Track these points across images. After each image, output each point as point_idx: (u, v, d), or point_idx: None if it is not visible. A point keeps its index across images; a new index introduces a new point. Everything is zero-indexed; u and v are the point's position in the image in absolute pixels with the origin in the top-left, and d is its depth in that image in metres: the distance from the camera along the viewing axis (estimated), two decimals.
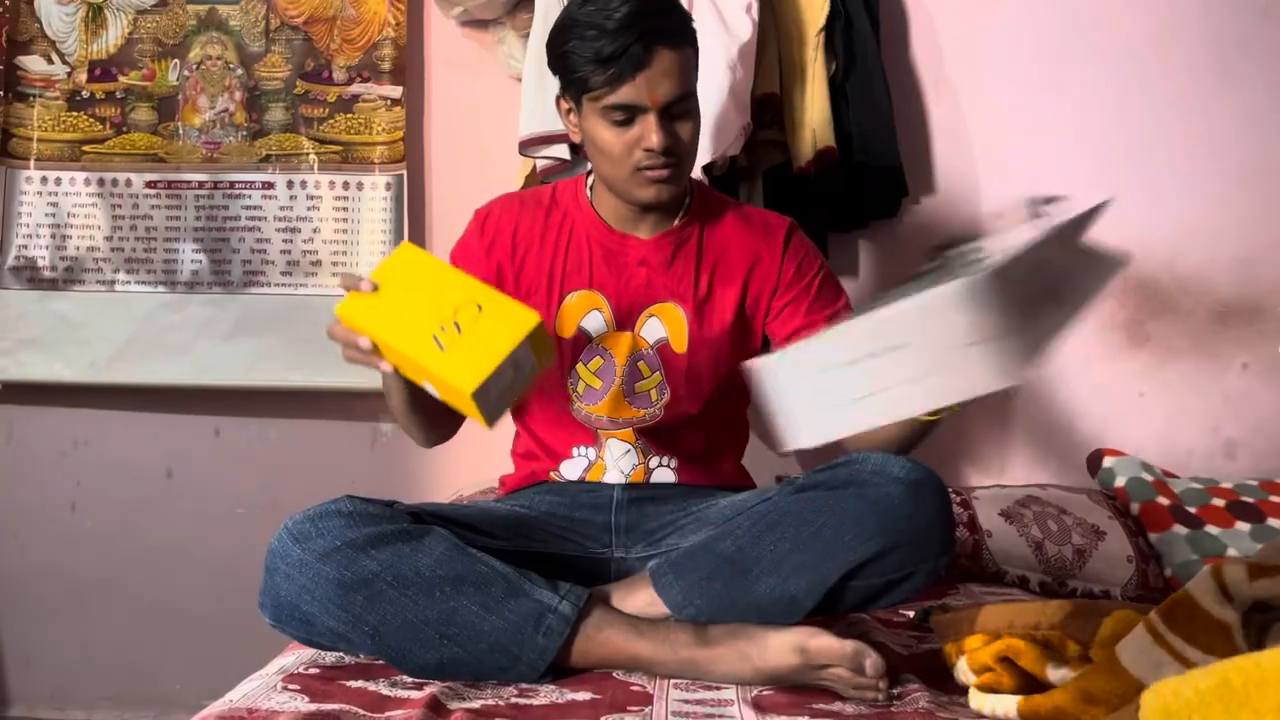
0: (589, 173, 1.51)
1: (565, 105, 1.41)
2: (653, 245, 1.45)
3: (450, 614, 1.17)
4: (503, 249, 1.46)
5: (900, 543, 1.20)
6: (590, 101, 1.33)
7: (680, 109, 1.33)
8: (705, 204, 1.50)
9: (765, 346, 1.48)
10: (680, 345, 1.44)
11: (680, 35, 1.33)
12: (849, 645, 1.13)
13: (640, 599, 1.26)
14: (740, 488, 1.51)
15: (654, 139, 1.31)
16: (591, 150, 1.39)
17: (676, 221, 1.46)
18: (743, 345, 1.47)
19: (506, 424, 1.46)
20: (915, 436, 1.34)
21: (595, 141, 1.36)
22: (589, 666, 1.21)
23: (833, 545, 1.21)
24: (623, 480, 1.45)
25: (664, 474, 1.47)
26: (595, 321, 1.44)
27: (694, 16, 1.78)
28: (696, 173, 1.88)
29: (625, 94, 1.30)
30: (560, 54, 1.34)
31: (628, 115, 1.32)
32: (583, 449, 1.47)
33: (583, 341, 1.44)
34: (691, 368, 1.45)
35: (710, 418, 1.49)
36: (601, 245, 1.45)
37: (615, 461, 1.45)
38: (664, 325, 1.45)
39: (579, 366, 1.45)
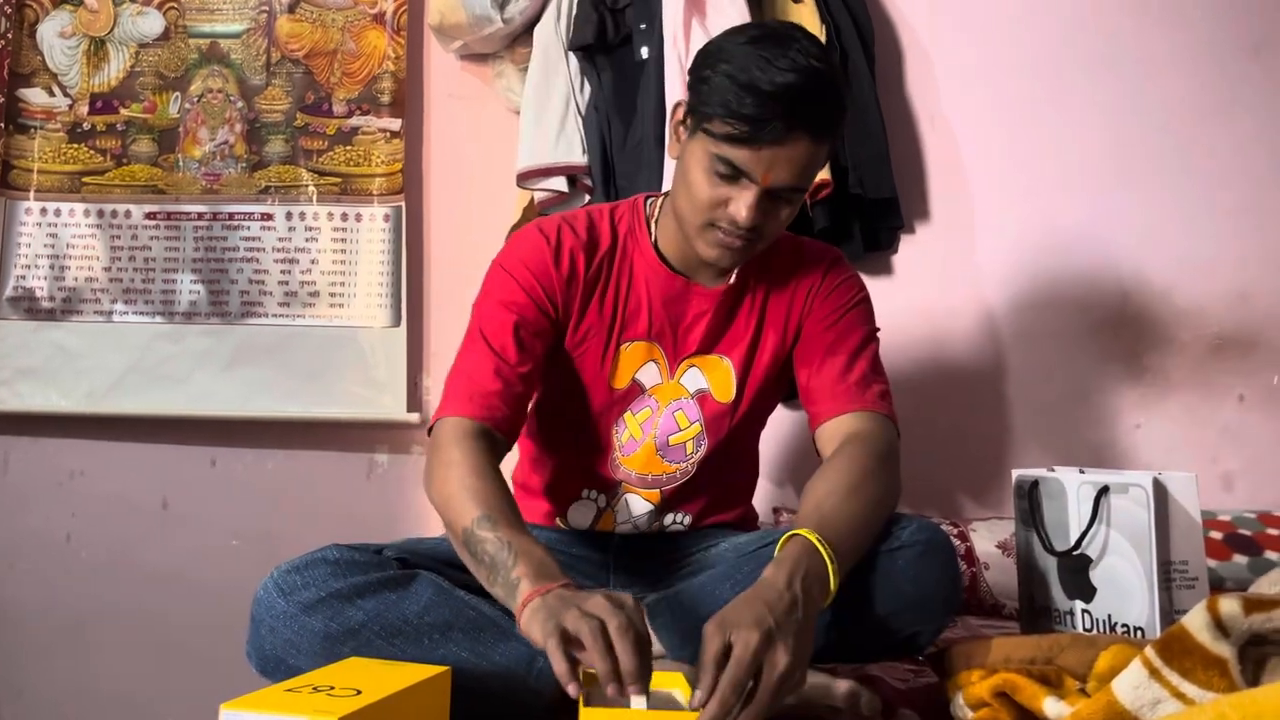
0: (648, 198, 1.41)
1: (681, 114, 1.27)
2: (715, 298, 1.35)
3: (440, 662, 1.12)
4: (576, 286, 1.33)
5: (905, 606, 1.18)
6: (704, 135, 1.19)
7: (786, 195, 1.21)
8: (770, 246, 1.35)
9: (790, 385, 1.41)
10: (724, 394, 1.37)
11: (827, 130, 1.18)
12: (844, 685, 1.11)
13: None
14: (745, 524, 1.49)
15: (744, 214, 1.19)
16: (678, 176, 1.27)
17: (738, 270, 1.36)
18: (778, 386, 1.42)
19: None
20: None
21: (686, 174, 1.24)
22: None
23: (835, 608, 1.19)
24: (632, 531, 1.41)
25: (676, 526, 1.43)
26: (650, 374, 1.37)
27: (687, 51, 1.71)
28: None
29: (741, 157, 1.17)
30: (702, 76, 1.19)
31: (732, 174, 1.19)
32: (593, 493, 1.41)
33: (635, 392, 1.37)
34: (735, 418, 1.38)
35: (735, 466, 1.45)
36: (662, 292, 1.35)
37: (630, 517, 1.40)
38: (704, 375, 1.37)
39: (627, 415, 1.38)
